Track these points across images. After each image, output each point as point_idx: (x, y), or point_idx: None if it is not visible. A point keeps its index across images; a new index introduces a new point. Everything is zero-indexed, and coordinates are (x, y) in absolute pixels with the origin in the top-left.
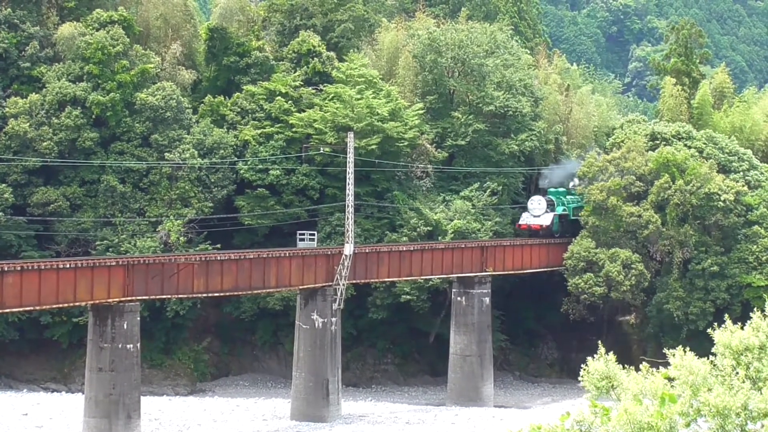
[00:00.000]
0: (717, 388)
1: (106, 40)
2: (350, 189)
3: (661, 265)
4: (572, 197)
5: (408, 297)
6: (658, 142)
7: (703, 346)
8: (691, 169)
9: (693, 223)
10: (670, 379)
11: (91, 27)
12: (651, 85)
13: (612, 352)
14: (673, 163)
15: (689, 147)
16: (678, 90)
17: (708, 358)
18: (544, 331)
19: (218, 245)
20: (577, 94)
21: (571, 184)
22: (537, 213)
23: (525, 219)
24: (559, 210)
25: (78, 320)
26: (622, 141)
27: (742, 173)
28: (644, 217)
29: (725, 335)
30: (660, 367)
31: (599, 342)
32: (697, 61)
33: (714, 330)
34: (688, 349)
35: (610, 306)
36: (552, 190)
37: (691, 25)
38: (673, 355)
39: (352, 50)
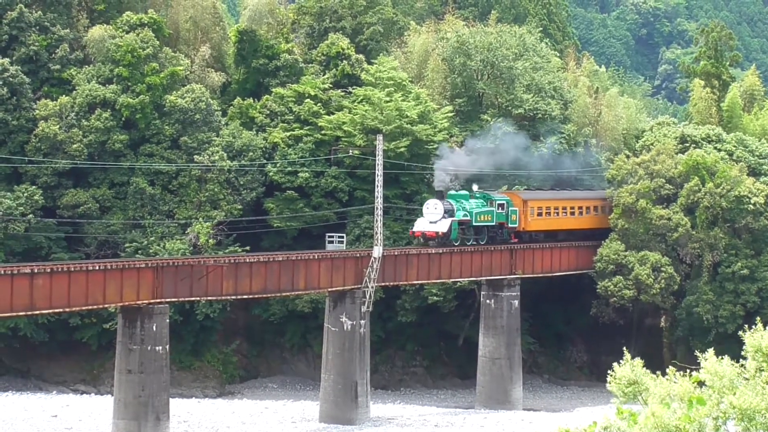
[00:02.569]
0: (742, 390)
1: (136, 43)
2: (379, 191)
3: (690, 268)
4: (476, 201)
5: (436, 299)
6: (687, 144)
7: (732, 350)
8: (721, 172)
9: (723, 226)
10: (701, 383)
11: (120, 29)
12: (681, 87)
13: (640, 356)
14: (703, 165)
15: (719, 150)
16: (708, 92)
17: (738, 362)
18: (574, 334)
19: (247, 247)
20: (606, 97)
21: (474, 186)
22: (433, 218)
23: (419, 225)
24: (459, 215)
25: (108, 326)
26: (652, 144)
27: None
28: (674, 220)
29: (755, 338)
30: (689, 370)
31: (625, 348)
32: (727, 63)
33: (744, 333)
34: (717, 352)
35: (639, 309)
36: (452, 193)
37: (721, 28)
38: (705, 358)
39: (381, 53)
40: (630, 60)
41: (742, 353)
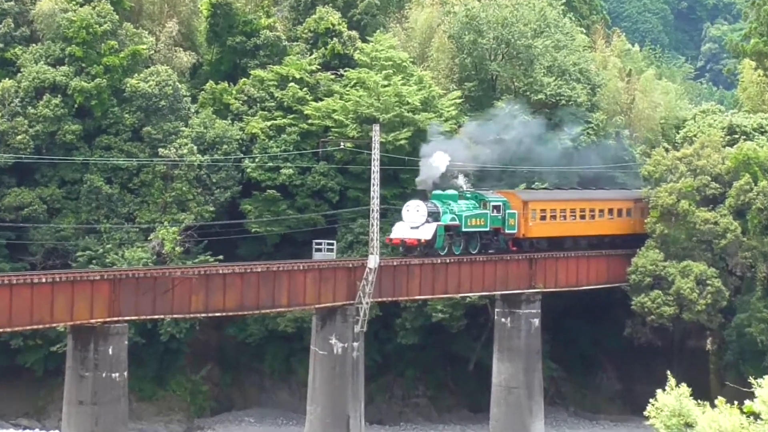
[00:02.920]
0: None
1: (92, 18)
2: (375, 191)
3: (741, 281)
4: (466, 202)
5: (442, 317)
6: (736, 136)
7: None
8: None
9: None
10: (755, 415)
11: (74, 2)
12: (728, 69)
13: (685, 384)
14: (755, 161)
15: None
16: (759, 75)
17: None
18: (604, 359)
19: (220, 257)
20: (641, 81)
21: (459, 181)
22: (414, 223)
23: (397, 231)
24: (446, 219)
25: (56, 348)
26: (695, 135)
27: None
28: (721, 225)
29: None
30: (738, 400)
31: (668, 372)
32: None
33: None
34: None
35: (681, 329)
36: (438, 193)
37: None
38: (759, 386)
39: (377, 29)
40: (668, 38)
41: None
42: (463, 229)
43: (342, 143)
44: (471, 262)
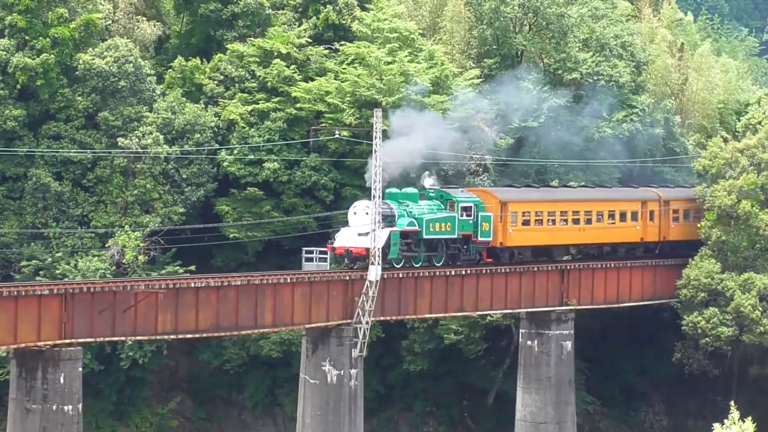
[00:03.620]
0: None
1: None
2: (377, 188)
3: None
4: (429, 203)
5: (457, 339)
6: None
7: None
8: None
9: None
10: None
11: None
12: None
13: (750, 418)
14: None
15: None
16: None
17: None
18: (649, 390)
19: (192, 267)
20: (696, 57)
21: (427, 182)
22: (364, 229)
23: (342, 239)
24: (402, 224)
25: None
26: (759, 122)
27: None
28: None
29: None
30: None
31: (732, 402)
32: None
33: None
34: None
35: (742, 353)
36: (393, 191)
37: None
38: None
39: None
40: (729, 5)
41: None
42: (425, 236)
43: (337, 132)
44: (492, 274)
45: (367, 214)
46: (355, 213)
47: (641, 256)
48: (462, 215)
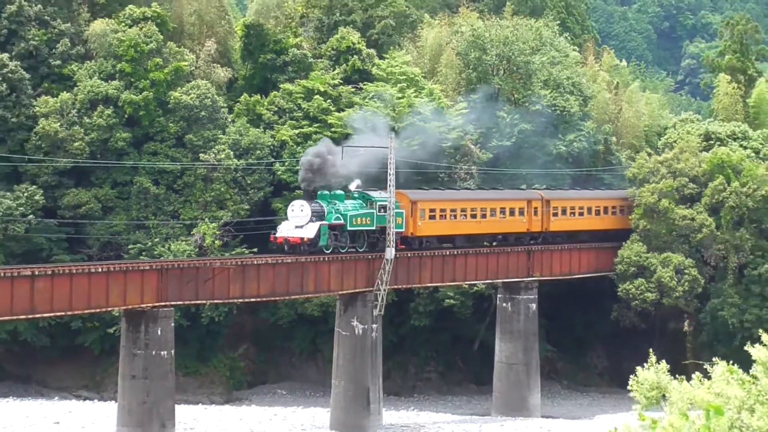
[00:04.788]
0: (759, 409)
1: (139, 38)
2: (391, 191)
3: (715, 271)
4: (353, 202)
5: (451, 302)
6: (712, 142)
7: None
8: (747, 171)
9: (749, 227)
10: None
11: (123, 24)
12: (705, 83)
13: (664, 361)
14: (728, 164)
15: (745, 147)
16: (733, 88)
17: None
18: (594, 340)
19: (255, 249)
20: (627, 93)
21: (353, 185)
22: (299, 222)
23: (282, 230)
24: (331, 219)
25: (113, 330)
26: (675, 141)
27: None
28: (698, 221)
29: (764, 352)
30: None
31: (650, 350)
32: (753, 58)
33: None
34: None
35: (662, 313)
36: (324, 193)
37: (746, 21)
38: (716, 363)
39: (392, 47)
40: (652, 54)
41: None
42: (348, 228)
43: (361, 149)
44: (477, 255)
45: (301, 210)
46: (292, 210)
47: (528, 243)
48: (379, 211)
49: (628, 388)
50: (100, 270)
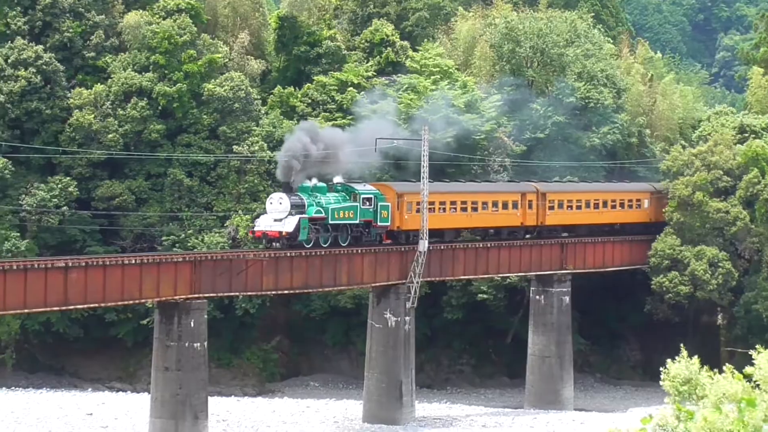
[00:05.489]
0: None
1: (173, 29)
2: (425, 183)
3: (749, 264)
4: (335, 195)
5: (484, 296)
6: (746, 135)
7: None
8: None
9: None
10: (750, 380)
11: (157, 16)
12: (739, 75)
13: (697, 355)
14: (763, 156)
15: None
16: (767, 80)
17: None
18: (627, 332)
19: None
20: (661, 85)
21: (336, 179)
22: (278, 216)
23: (261, 224)
24: (311, 212)
25: (146, 321)
26: (709, 134)
27: None
28: (732, 214)
29: None
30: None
31: (682, 345)
32: None
33: None
34: None
35: (695, 306)
36: (305, 185)
37: None
38: (758, 352)
39: (426, 39)
40: (686, 47)
41: None
42: (330, 222)
43: (395, 141)
44: (510, 247)
45: (280, 203)
46: (271, 203)
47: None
48: (363, 204)
49: (661, 381)
50: (133, 262)
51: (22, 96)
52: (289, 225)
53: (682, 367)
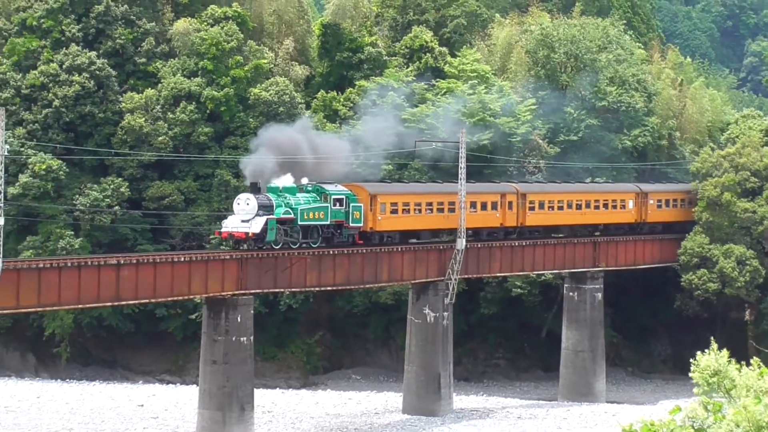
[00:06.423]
0: None
1: (221, 36)
2: (462, 184)
3: None
4: (305, 195)
5: (519, 292)
6: None
7: None
8: None
9: None
10: None
11: (205, 23)
12: (766, 80)
13: (726, 349)
14: None
15: None
16: None
17: None
18: (657, 328)
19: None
20: (691, 89)
21: (304, 180)
22: (245, 216)
23: (228, 224)
24: (279, 212)
25: (195, 316)
26: (737, 136)
27: None
28: (759, 213)
29: None
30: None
31: (712, 338)
32: None
33: None
34: None
35: (724, 302)
36: (274, 186)
37: None
38: None
39: (464, 46)
40: (715, 52)
41: None
42: (299, 223)
43: (434, 143)
44: (544, 245)
45: (247, 204)
46: (238, 203)
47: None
48: (334, 205)
49: (690, 373)
50: (182, 259)
51: (76, 100)
52: (256, 226)
53: (711, 359)
